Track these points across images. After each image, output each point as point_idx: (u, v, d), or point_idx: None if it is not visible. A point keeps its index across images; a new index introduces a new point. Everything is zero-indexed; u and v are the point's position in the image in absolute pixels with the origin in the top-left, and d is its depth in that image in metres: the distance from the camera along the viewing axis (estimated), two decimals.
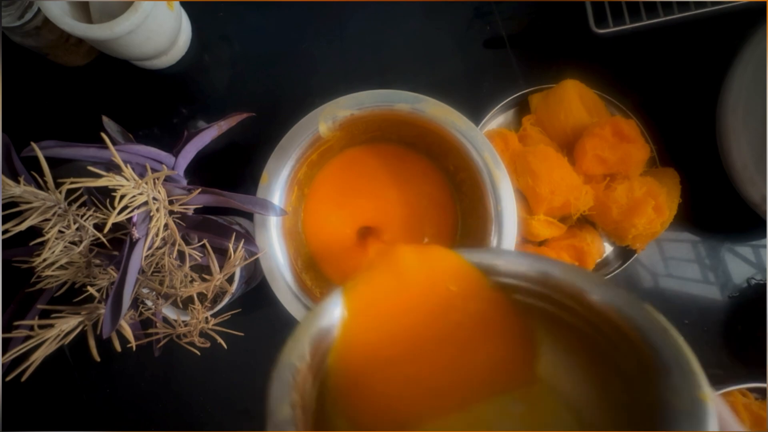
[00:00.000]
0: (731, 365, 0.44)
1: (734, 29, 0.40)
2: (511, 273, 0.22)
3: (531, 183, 0.39)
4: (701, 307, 0.45)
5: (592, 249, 0.41)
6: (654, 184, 0.39)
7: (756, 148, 0.38)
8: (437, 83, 0.45)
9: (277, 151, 0.35)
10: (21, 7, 0.37)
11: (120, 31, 0.34)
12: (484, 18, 0.46)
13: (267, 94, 0.45)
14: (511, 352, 0.22)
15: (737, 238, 0.46)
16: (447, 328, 0.22)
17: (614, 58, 0.45)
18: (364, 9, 0.46)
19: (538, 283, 0.21)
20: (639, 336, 0.18)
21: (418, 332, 0.22)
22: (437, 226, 0.39)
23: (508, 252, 0.23)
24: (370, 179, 0.39)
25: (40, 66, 0.43)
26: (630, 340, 0.18)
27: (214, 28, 0.45)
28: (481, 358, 0.22)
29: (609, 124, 0.40)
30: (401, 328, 0.22)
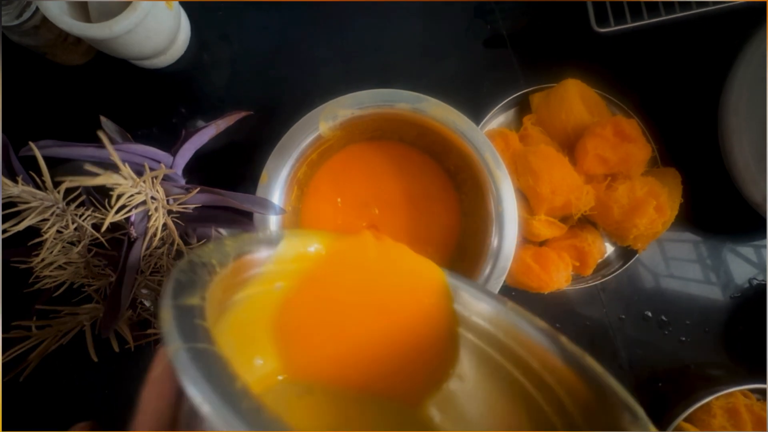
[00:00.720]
0: (733, 366, 0.44)
1: (736, 28, 0.40)
2: (475, 311, 0.24)
3: (532, 183, 0.39)
4: (703, 307, 0.45)
5: (593, 249, 0.41)
6: (655, 184, 0.39)
7: (758, 148, 0.38)
8: (437, 83, 0.45)
9: (277, 151, 0.34)
10: (19, 6, 0.37)
11: (119, 30, 0.34)
12: (485, 17, 0.46)
13: (267, 94, 0.45)
14: (422, 372, 0.24)
15: (739, 239, 0.46)
16: (390, 318, 0.23)
17: (615, 58, 0.45)
18: (364, 8, 0.46)
19: (500, 330, 0.23)
20: (588, 384, 0.20)
21: (363, 306, 0.24)
22: (439, 225, 0.39)
23: (484, 292, 0.25)
24: (371, 177, 0.38)
25: (38, 65, 0.43)
26: (579, 389, 0.20)
27: (214, 27, 0.45)
28: (398, 359, 0.23)
29: (610, 123, 0.40)
30: (354, 296, 0.24)
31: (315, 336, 0.23)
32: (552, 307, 0.44)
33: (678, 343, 0.44)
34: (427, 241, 0.38)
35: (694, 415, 0.40)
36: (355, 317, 0.23)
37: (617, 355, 0.44)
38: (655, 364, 0.44)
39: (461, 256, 0.38)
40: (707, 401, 0.39)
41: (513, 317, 0.24)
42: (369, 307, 0.23)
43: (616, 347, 0.44)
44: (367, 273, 0.24)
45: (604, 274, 0.43)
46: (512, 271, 0.35)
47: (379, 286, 0.24)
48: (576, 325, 0.44)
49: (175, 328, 0.14)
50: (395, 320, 0.23)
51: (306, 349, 0.23)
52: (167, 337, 0.14)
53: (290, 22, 0.45)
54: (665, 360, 0.44)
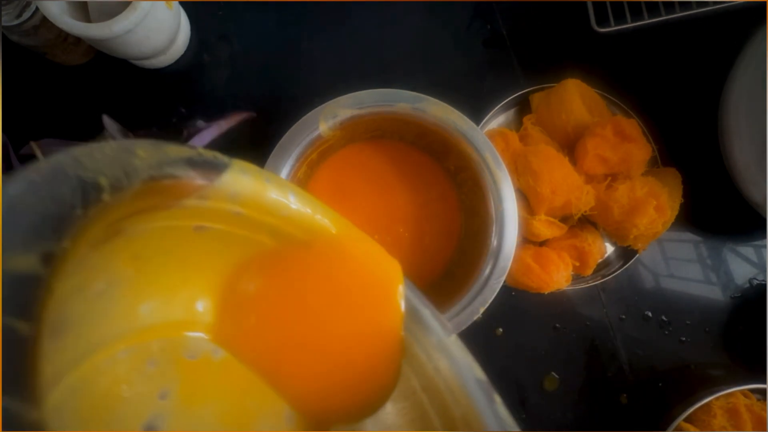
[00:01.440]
0: (733, 366, 0.44)
1: (736, 28, 0.40)
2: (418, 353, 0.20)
3: (532, 183, 0.39)
4: (703, 307, 0.45)
5: (593, 249, 0.41)
6: (655, 184, 0.39)
7: (758, 148, 0.38)
8: (437, 82, 0.45)
9: (277, 151, 0.34)
10: (19, 6, 0.37)
11: (118, 30, 0.34)
12: (485, 17, 0.46)
13: (266, 94, 0.45)
14: (349, 402, 0.21)
15: (739, 239, 0.46)
16: (339, 335, 0.21)
17: (616, 58, 0.45)
18: (364, 8, 0.46)
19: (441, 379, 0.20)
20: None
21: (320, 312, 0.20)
22: (440, 225, 0.39)
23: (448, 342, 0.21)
24: (371, 177, 0.38)
25: (38, 65, 0.43)
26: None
27: (214, 27, 0.45)
28: (329, 381, 0.20)
29: (610, 123, 0.40)
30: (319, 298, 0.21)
31: (256, 319, 0.20)
32: (552, 307, 0.44)
33: (678, 343, 0.44)
34: (428, 241, 0.38)
35: (695, 415, 0.40)
36: (306, 320, 0.20)
37: (617, 355, 0.44)
38: (655, 364, 0.44)
39: (461, 256, 0.38)
40: (707, 401, 0.39)
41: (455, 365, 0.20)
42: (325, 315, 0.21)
43: (616, 347, 0.44)
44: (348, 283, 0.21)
45: (604, 274, 0.43)
46: (512, 271, 0.35)
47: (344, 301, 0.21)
48: (576, 325, 0.44)
49: None
50: (343, 339, 0.21)
51: (240, 326, 0.20)
52: None
53: (290, 22, 0.45)
54: (665, 360, 0.44)
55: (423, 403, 0.20)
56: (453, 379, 0.20)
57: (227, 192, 0.18)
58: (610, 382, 0.44)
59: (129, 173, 0.13)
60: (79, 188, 0.11)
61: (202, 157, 0.17)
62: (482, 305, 0.33)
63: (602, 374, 0.44)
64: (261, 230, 0.20)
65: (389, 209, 0.38)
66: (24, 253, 0.09)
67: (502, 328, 0.44)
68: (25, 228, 0.10)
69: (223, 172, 0.18)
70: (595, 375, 0.44)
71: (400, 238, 0.38)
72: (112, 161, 0.13)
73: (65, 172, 0.11)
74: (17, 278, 0.09)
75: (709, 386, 0.40)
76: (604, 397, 0.44)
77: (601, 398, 0.44)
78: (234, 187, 0.19)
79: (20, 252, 0.09)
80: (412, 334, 0.20)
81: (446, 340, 0.20)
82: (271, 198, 0.20)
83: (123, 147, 0.14)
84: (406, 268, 0.37)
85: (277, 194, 0.20)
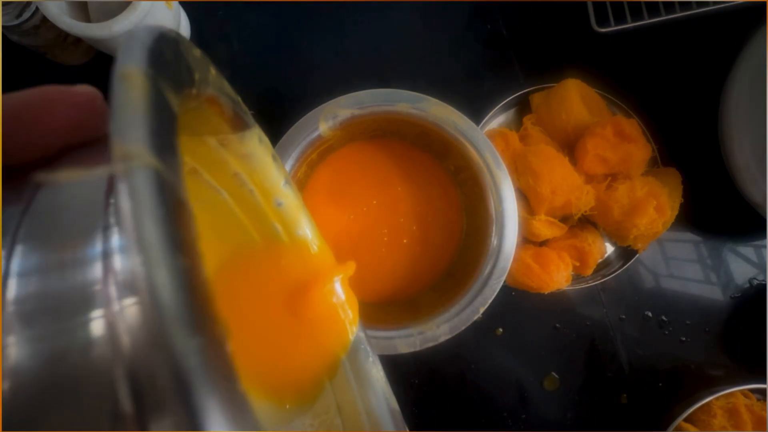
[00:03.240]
0: (733, 366, 0.44)
1: (737, 28, 0.40)
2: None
3: (532, 183, 0.39)
4: (703, 307, 0.45)
5: (593, 249, 0.41)
6: (656, 184, 0.39)
7: (758, 148, 0.38)
8: (437, 82, 0.45)
9: (277, 151, 0.34)
10: (18, 6, 0.37)
11: (118, 30, 0.34)
12: (485, 17, 0.46)
13: (266, 94, 0.45)
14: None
15: (739, 239, 0.46)
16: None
17: (616, 58, 0.45)
18: (364, 8, 0.46)
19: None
20: None
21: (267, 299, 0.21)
22: (440, 225, 0.38)
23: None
24: (371, 175, 0.38)
25: (38, 65, 0.43)
26: None
27: (213, 27, 0.45)
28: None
29: (610, 123, 0.40)
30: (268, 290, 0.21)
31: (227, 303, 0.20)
32: (552, 307, 0.44)
33: (678, 343, 0.44)
34: (432, 238, 0.38)
35: (695, 415, 0.40)
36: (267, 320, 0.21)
37: (617, 355, 0.44)
38: (655, 364, 0.44)
39: (461, 256, 0.38)
40: (707, 401, 0.39)
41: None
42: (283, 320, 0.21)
43: (616, 347, 0.44)
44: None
45: (604, 274, 0.43)
46: (512, 271, 0.35)
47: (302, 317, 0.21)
48: (576, 325, 0.44)
49: (143, 121, 0.08)
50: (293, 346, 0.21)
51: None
52: (123, 127, 0.08)
53: (290, 22, 0.45)
54: (665, 360, 0.44)
55: (335, 424, 0.20)
56: (371, 406, 0.20)
57: (243, 149, 0.19)
58: (610, 382, 0.44)
59: (204, 82, 0.13)
60: (186, 71, 0.11)
61: (240, 106, 0.17)
62: (482, 305, 0.33)
63: (602, 374, 0.44)
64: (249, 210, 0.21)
65: (392, 204, 0.38)
66: (169, 91, 0.09)
67: (502, 328, 0.44)
68: (171, 73, 0.10)
69: (247, 129, 0.18)
70: (595, 375, 0.44)
71: (406, 232, 0.38)
72: (200, 63, 0.13)
73: (182, 49, 0.11)
74: (166, 103, 0.09)
75: (709, 386, 0.40)
76: (604, 397, 0.44)
77: (601, 398, 0.44)
78: (248, 148, 0.19)
79: (168, 87, 0.09)
80: (348, 359, 0.21)
81: (372, 369, 0.21)
82: (272, 173, 0.20)
83: (205, 57, 0.14)
84: (411, 266, 0.37)
85: (277, 173, 0.20)
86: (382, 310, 0.37)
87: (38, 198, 0.10)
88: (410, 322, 0.33)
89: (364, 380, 0.21)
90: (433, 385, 0.44)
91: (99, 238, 0.09)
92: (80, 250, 0.09)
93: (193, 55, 0.13)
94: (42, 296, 0.09)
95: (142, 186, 0.08)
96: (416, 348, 0.33)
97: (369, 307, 0.36)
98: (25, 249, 0.09)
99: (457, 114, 0.34)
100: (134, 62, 0.09)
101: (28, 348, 0.08)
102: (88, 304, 0.08)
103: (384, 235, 0.38)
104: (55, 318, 0.08)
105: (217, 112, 0.16)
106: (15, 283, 0.09)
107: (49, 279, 0.09)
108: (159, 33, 0.10)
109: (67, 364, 0.08)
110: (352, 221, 0.38)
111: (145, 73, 0.09)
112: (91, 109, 0.12)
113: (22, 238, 0.09)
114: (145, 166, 0.08)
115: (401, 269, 0.38)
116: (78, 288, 0.09)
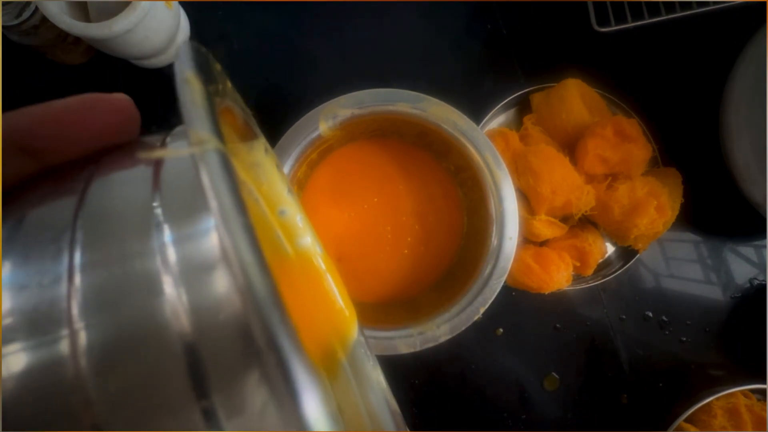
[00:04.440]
0: (733, 366, 0.44)
1: (737, 28, 0.40)
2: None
3: (532, 183, 0.39)
4: (703, 307, 0.45)
5: (593, 249, 0.41)
6: (656, 184, 0.39)
7: (758, 148, 0.38)
8: (437, 82, 0.45)
9: (277, 151, 0.34)
10: (18, 5, 0.37)
11: (118, 29, 0.34)
12: (485, 17, 0.46)
13: (266, 93, 0.45)
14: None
15: (740, 239, 0.45)
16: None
17: (616, 57, 0.45)
18: (364, 8, 0.46)
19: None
20: None
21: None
22: (441, 224, 0.38)
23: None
24: (373, 171, 0.38)
25: (38, 64, 0.43)
26: None
27: (213, 26, 0.45)
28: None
29: (610, 123, 0.40)
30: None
31: None
32: (552, 307, 0.44)
33: (678, 343, 0.44)
34: (434, 236, 0.38)
35: (695, 416, 0.40)
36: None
37: (617, 355, 0.44)
38: (655, 364, 0.44)
39: (462, 256, 0.38)
40: (708, 401, 0.39)
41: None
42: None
43: (617, 347, 0.44)
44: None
45: (604, 274, 0.43)
46: (512, 271, 0.35)
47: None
48: (576, 325, 0.44)
49: (207, 114, 0.10)
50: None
51: None
52: (195, 118, 0.10)
53: (290, 22, 0.45)
54: (665, 360, 0.44)
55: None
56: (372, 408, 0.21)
57: (250, 159, 0.19)
58: (610, 382, 0.44)
59: (223, 93, 0.14)
60: (213, 81, 0.13)
61: (250, 117, 0.18)
62: (483, 305, 0.33)
63: (602, 374, 0.44)
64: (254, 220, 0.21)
65: (394, 203, 0.38)
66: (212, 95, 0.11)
67: (502, 328, 0.44)
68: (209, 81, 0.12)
69: (255, 140, 0.19)
70: (595, 375, 0.44)
71: (409, 231, 0.38)
72: (220, 76, 0.14)
73: (212, 62, 0.13)
74: (212, 103, 0.11)
75: (709, 386, 0.40)
76: (604, 397, 0.44)
77: (601, 398, 0.44)
78: (255, 157, 0.20)
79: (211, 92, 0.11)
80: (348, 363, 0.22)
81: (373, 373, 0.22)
82: (277, 183, 0.21)
83: (223, 70, 0.15)
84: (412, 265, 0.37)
85: (281, 183, 0.21)
86: (382, 310, 0.37)
87: (90, 192, 0.11)
88: (410, 322, 0.33)
89: (364, 383, 0.21)
90: (433, 385, 0.44)
91: (153, 232, 0.10)
92: (137, 243, 0.10)
93: (215, 68, 0.14)
94: (106, 285, 0.10)
95: (218, 164, 0.09)
96: (416, 348, 0.33)
97: (369, 307, 0.36)
98: (85, 242, 0.10)
99: (457, 114, 0.34)
100: (191, 69, 0.11)
101: (98, 331, 0.09)
102: (151, 287, 0.10)
103: (387, 233, 0.38)
104: (121, 304, 0.09)
105: (229, 121, 0.17)
106: (80, 275, 0.10)
107: (112, 269, 0.10)
108: (197, 47, 0.12)
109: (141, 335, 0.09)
110: (353, 220, 0.38)
111: (200, 78, 0.11)
112: (128, 115, 0.14)
113: (80, 232, 0.10)
114: (216, 150, 0.09)
115: (402, 269, 0.38)
116: (139, 275, 0.10)
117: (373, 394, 0.21)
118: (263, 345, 0.08)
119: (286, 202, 0.21)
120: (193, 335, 0.09)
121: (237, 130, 0.18)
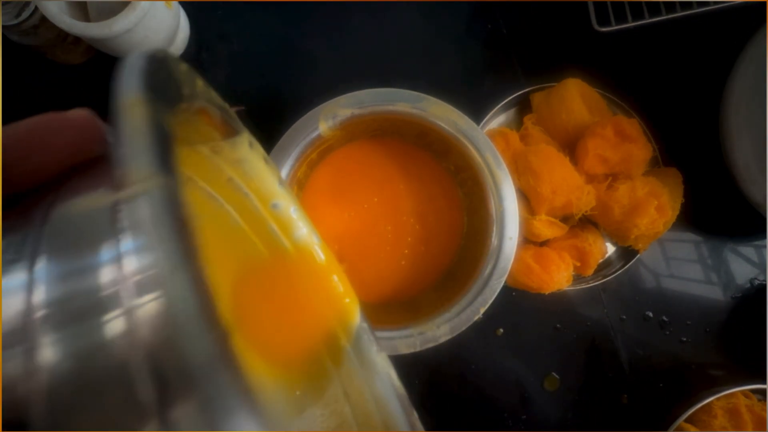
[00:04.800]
0: (734, 366, 0.44)
1: (737, 28, 0.40)
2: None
3: (532, 183, 0.39)
4: (703, 307, 0.45)
5: (594, 249, 0.41)
6: (656, 184, 0.39)
7: (758, 148, 0.38)
8: (438, 82, 0.45)
9: (277, 150, 0.34)
10: (18, 5, 0.37)
11: (118, 29, 0.34)
12: (485, 17, 0.46)
13: (266, 93, 0.45)
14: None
15: (740, 239, 0.45)
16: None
17: (616, 57, 0.45)
18: (364, 8, 0.45)
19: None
20: None
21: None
22: (442, 224, 0.38)
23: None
24: (373, 171, 0.38)
25: (38, 64, 0.43)
26: None
27: (213, 26, 0.45)
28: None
29: (611, 123, 0.40)
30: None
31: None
32: (552, 307, 0.44)
33: (679, 343, 0.44)
34: (434, 236, 0.38)
35: (695, 416, 0.39)
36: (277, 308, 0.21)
37: (618, 355, 0.44)
38: (655, 364, 0.44)
39: (462, 256, 0.38)
40: (708, 401, 0.39)
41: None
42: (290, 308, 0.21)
43: (617, 347, 0.44)
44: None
45: (605, 274, 0.43)
46: (513, 271, 0.35)
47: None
48: (576, 325, 0.44)
49: (150, 145, 0.09)
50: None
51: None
52: (131, 144, 0.09)
53: (290, 22, 0.45)
54: (666, 360, 0.44)
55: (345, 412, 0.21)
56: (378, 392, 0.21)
57: (235, 155, 0.19)
58: (610, 382, 0.44)
59: (192, 95, 0.14)
60: (176, 87, 0.12)
61: (228, 113, 0.18)
62: (483, 305, 0.33)
63: (602, 374, 0.44)
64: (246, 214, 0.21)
65: (394, 202, 0.38)
66: (164, 110, 0.10)
67: (502, 328, 0.44)
68: (163, 94, 0.11)
69: (237, 135, 0.19)
70: (595, 375, 0.44)
71: (409, 231, 0.37)
72: (188, 77, 0.13)
73: (172, 67, 0.12)
74: (160, 124, 0.10)
75: (709, 386, 0.40)
76: (604, 397, 0.44)
77: (601, 398, 0.44)
78: (240, 153, 0.19)
79: (163, 107, 0.10)
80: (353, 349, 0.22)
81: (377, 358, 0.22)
82: (266, 176, 0.21)
83: (191, 70, 0.14)
84: (413, 265, 0.37)
85: (271, 176, 0.21)
86: (382, 311, 0.37)
87: (53, 214, 0.11)
88: (410, 322, 0.33)
89: (369, 368, 0.21)
90: (434, 385, 0.44)
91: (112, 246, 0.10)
92: (96, 257, 0.10)
93: (180, 70, 0.13)
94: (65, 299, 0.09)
95: (156, 204, 0.09)
96: (416, 348, 0.33)
97: (369, 307, 0.36)
98: (47, 258, 0.10)
99: (457, 113, 0.34)
100: (133, 92, 0.10)
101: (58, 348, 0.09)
102: (108, 304, 0.09)
103: (387, 233, 0.37)
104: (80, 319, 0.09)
105: (207, 121, 0.17)
106: (41, 289, 0.10)
107: (70, 283, 0.10)
108: (149, 56, 0.11)
109: (95, 359, 0.09)
110: (353, 220, 0.38)
111: (143, 100, 0.10)
112: (89, 132, 0.13)
113: (44, 249, 0.10)
114: (157, 187, 0.09)
115: (402, 269, 0.38)
116: (98, 289, 0.09)
117: (378, 379, 0.21)
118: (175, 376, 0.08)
119: (278, 194, 0.21)
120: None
121: (217, 128, 0.18)
